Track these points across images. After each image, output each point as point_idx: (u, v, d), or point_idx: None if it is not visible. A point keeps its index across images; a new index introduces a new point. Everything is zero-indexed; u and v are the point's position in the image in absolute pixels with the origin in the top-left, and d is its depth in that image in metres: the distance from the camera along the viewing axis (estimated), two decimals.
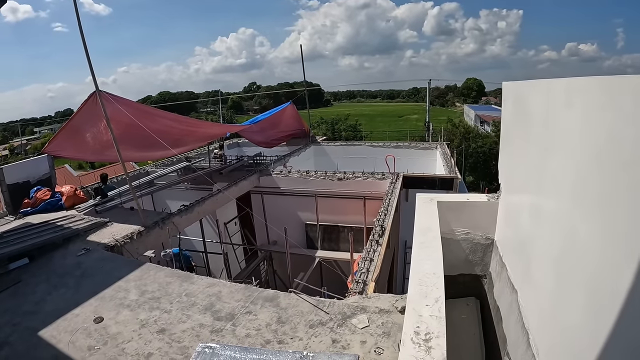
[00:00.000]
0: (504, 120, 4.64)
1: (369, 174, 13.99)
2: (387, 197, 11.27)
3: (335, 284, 10.99)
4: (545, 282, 2.91)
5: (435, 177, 14.32)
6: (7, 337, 5.46)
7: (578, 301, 2.32)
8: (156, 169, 17.75)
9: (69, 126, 10.70)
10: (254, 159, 17.35)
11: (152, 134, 9.97)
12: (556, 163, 2.79)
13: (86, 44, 8.32)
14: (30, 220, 10.31)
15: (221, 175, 15.20)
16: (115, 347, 5.08)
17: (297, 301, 5.77)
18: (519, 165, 3.99)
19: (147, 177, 15.58)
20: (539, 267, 3.11)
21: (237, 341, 4.97)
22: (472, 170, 41.93)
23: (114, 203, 11.42)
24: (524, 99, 3.80)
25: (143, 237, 9.19)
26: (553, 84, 2.96)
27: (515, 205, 4.13)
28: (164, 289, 6.45)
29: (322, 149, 23.04)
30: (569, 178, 2.55)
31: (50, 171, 12.54)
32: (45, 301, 6.37)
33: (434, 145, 20.92)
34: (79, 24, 8.22)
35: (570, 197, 2.53)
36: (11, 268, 7.54)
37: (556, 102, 2.83)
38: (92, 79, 8.78)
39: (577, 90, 2.52)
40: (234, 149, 23.34)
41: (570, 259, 2.48)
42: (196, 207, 11.37)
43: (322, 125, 57.92)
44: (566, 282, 2.52)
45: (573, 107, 2.52)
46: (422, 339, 2.63)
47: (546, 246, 2.96)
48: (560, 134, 2.73)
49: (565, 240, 2.59)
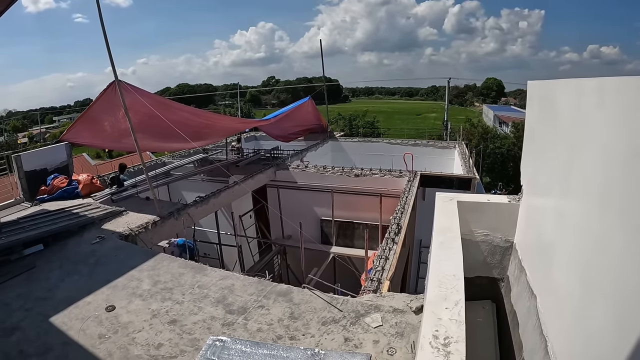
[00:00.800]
0: (529, 120, 4.52)
1: (386, 171, 13.89)
2: (404, 195, 11.17)
3: (349, 280, 10.93)
4: (568, 288, 2.81)
5: (453, 176, 14.16)
6: (19, 321, 5.51)
7: (604, 309, 2.22)
8: (173, 159, 17.85)
9: (87, 114, 10.79)
10: (271, 153, 17.36)
11: (171, 124, 9.98)
12: (584, 164, 2.69)
13: (106, 35, 8.34)
14: (46, 207, 10.40)
15: (238, 168, 15.21)
16: (126, 336, 5.08)
17: (310, 297, 5.72)
18: (543, 166, 3.88)
19: (164, 168, 15.66)
20: (561, 272, 3.01)
21: (248, 335, 4.93)
22: (489, 171, 41.48)
23: (129, 192, 11.49)
24: (551, 98, 3.68)
25: (158, 227, 9.21)
26: (583, 83, 2.85)
27: (538, 207, 4.01)
28: (177, 280, 6.44)
29: (339, 145, 22.96)
30: (597, 180, 2.45)
31: (67, 159, 12.62)
32: (58, 288, 6.41)
33: (453, 145, 20.73)
34: (99, 16, 8.25)
35: (599, 201, 2.42)
36: (26, 254, 7.61)
37: (587, 102, 2.72)
38: (112, 69, 8.81)
39: (609, 90, 2.42)
40: (251, 142, 23.37)
41: (596, 265, 2.37)
42: (212, 198, 11.37)
43: (339, 121, 57.72)
44: (592, 289, 2.42)
45: (605, 107, 2.42)
46: (440, 343, 2.55)
47: (570, 251, 2.85)
48: (590, 134, 2.63)
49: (591, 245, 2.48)
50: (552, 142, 3.54)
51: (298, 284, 6.50)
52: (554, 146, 3.46)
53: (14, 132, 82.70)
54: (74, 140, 12.69)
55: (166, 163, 17.05)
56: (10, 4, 7.37)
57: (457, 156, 18.57)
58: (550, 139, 3.63)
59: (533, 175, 4.38)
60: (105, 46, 8.40)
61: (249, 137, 24.18)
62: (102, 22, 8.29)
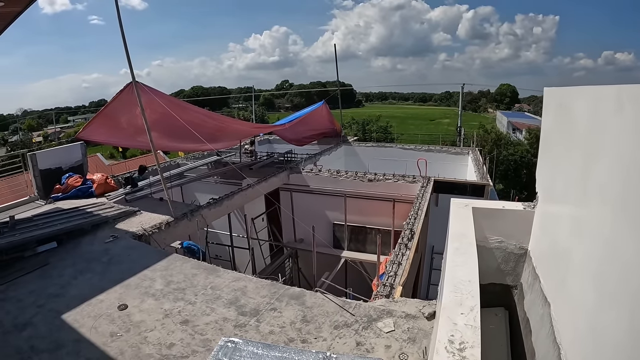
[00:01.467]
0: (544, 126, 4.50)
1: (400, 177, 13.87)
2: (418, 201, 11.14)
3: (360, 285, 10.94)
4: (583, 297, 2.79)
5: (466, 182, 14.10)
6: (31, 317, 5.58)
7: (618, 318, 2.21)
8: (187, 161, 17.96)
9: (103, 113, 10.91)
10: (284, 156, 17.38)
11: (187, 125, 10.07)
12: (601, 172, 2.67)
13: (125, 38, 8.44)
14: (60, 205, 10.53)
15: (251, 171, 15.26)
16: (138, 335, 5.12)
17: (322, 301, 5.72)
18: (559, 173, 3.86)
19: (178, 169, 15.78)
20: (576, 280, 2.99)
21: (260, 337, 4.95)
22: (502, 178, 41.20)
23: (143, 193, 11.59)
24: (567, 105, 3.66)
25: (171, 227, 9.28)
26: (602, 90, 2.84)
27: (553, 214, 3.99)
28: (190, 281, 6.48)
29: (352, 149, 22.97)
30: (614, 188, 2.44)
31: (82, 159, 12.78)
32: (70, 285, 6.48)
33: (466, 151, 20.65)
34: (118, 18, 8.35)
35: (615, 208, 2.41)
36: (39, 251, 7.71)
37: (605, 108, 2.71)
38: (130, 70, 8.91)
39: (629, 97, 2.41)
40: (264, 145, 23.44)
41: (611, 273, 2.36)
42: (225, 201, 11.43)
43: (353, 126, 57.71)
44: (606, 297, 2.40)
45: (624, 114, 2.41)
46: (456, 348, 2.55)
47: (585, 258, 2.84)
48: (608, 141, 2.62)
49: (607, 253, 2.47)
50: (568, 149, 3.52)
51: (309, 288, 6.51)
52: (570, 153, 3.44)
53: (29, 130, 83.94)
54: (90, 138, 12.82)
55: (180, 164, 17.17)
56: (28, 4, 7.49)
57: (471, 162, 18.51)
58: (566, 146, 3.61)
59: (549, 182, 4.35)
60: (124, 48, 8.52)
61: (262, 140, 24.27)
62: (121, 25, 8.40)
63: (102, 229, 8.79)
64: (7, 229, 8.13)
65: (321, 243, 13.47)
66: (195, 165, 16.70)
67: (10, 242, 7.52)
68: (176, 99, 15.01)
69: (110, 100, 10.70)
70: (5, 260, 7.35)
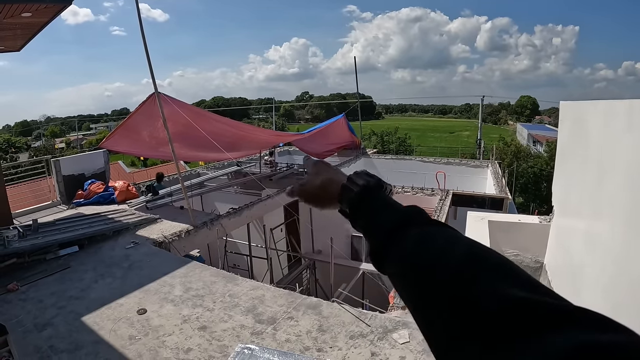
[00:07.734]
0: (560, 140, 4.52)
1: (418, 189, 13.88)
2: (436, 214, 11.15)
3: (377, 297, 10.90)
4: (595, 309, 2.82)
5: (485, 196, 14.03)
6: (51, 318, 5.70)
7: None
8: (207, 171, 18.16)
9: (126, 124, 11.12)
10: (304, 168, 17.45)
11: (208, 136, 10.22)
12: (612, 188, 2.70)
13: (147, 48, 8.60)
14: (82, 211, 10.75)
15: (271, 182, 15.36)
16: (156, 339, 5.21)
17: (339, 311, 5.76)
18: (573, 187, 3.88)
19: (198, 179, 15.97)
20: (589, 294, 3.01)
21: (276, 345, 5.00)
22: (522, 191, 40.69)
23: (164, 201, 11.74)
24: (581, 119, 3.69)
25: (191, 236, 9.40)
26: (614, 105, 2.87)
27: (568, 228, 4.00)
28: (209, 288, 6.57)
29: (372, 162, 22.96)
30: (624, 204, 2.47)
31: (105, 166, 13.03)
32: (91, 288, 6.62)
33: (485, 164, 20.50)
34: (141, 30, 8.51)
35: (625, 224, 2.44)
36: (61, 254, 7.89)
37: (616, 123, 2.74)
38: (152, 81, 9.07)
39: (638, 112, 2.44)
40: (284, 157, 23.56)
41: (623, 286, 2.39)
42: (245, 211, 11.53)
43: (372, 138, 57.67)
44: (619, 310, 2.43)
45: (634, 129, 2.44)
46: None
47: (598, 272, 2.86)
48: (619, 157, 2.64)
49: (619, 266, 2.50)
50: (583, 163, 3.55)
51: (326, 299, 6.55)
52: (584, 167, 3.47)
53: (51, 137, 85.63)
54: (113, 148, 13.08)
55: (200, 174, 17.38)
56: (54, 16, 7.74)
57: (490, 175, 18.38)
58: (580, 160, 3.63)
59: (564, 196, 4.37)
60: (146, 59, 8.63)
61: (282, 151, 24.41)
62: (144, 37, 8.56)
63: (123, 235, 8.95)
64: (30, 232, 8.34)
65: (339, 254, 13.47)
66: (215, 175, 16.88)
67: (33, 245, 7.72)
68: (197, 108, 15.18)
69: (133, 111, 10.92)
70: (28, 262, 7.55)
